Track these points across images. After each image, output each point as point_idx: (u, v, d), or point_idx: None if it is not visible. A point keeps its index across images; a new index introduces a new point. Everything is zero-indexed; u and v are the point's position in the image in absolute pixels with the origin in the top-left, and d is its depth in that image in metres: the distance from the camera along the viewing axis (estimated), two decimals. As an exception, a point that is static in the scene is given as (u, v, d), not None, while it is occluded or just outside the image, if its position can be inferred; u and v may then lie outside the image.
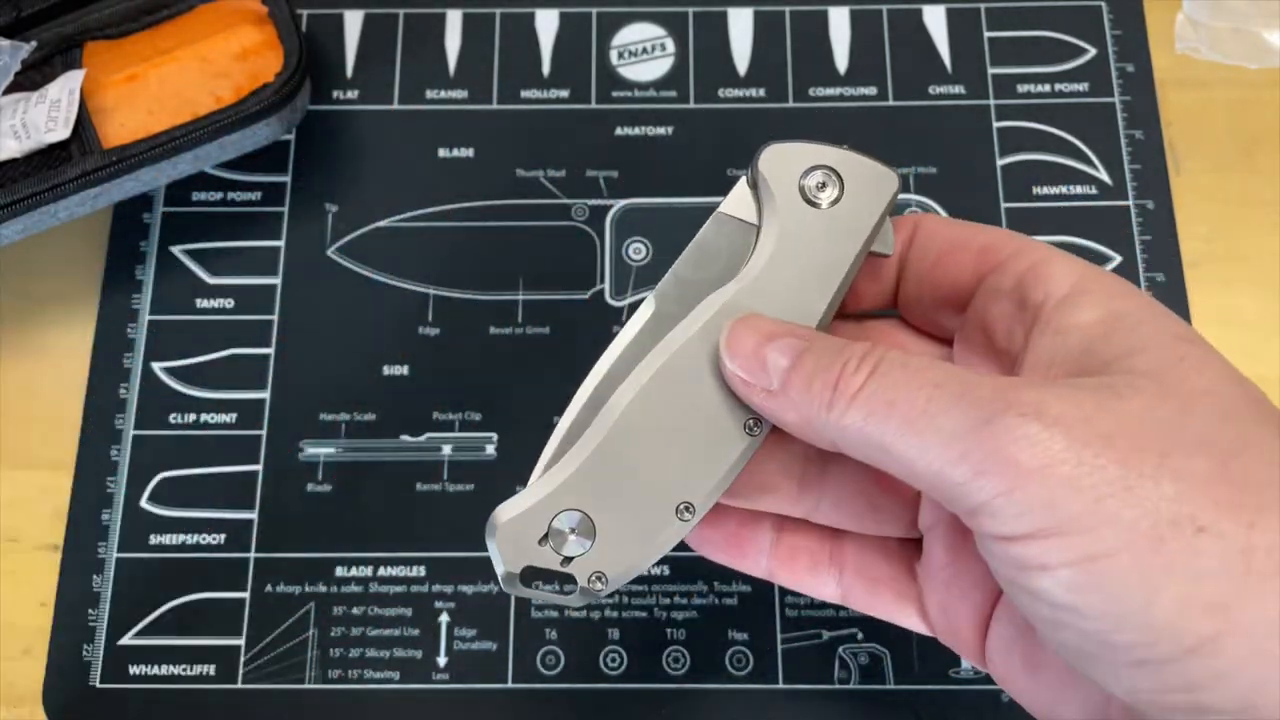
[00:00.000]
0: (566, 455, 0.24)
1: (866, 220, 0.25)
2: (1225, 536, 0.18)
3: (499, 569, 0.23)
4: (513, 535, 0.23)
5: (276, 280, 0.37)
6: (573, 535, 0.23)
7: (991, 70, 0.40)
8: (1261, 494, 0.18)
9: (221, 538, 0.34)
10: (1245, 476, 0.19)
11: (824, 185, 0.25)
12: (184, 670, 0.33)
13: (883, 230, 0.25)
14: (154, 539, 0.34)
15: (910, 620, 0.26)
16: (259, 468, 0.35)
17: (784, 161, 0.26)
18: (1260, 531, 0.18)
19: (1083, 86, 0.39)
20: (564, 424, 0.25)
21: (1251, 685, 0.18)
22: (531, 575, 0.23)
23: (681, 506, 0.24)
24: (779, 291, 0.24)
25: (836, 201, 0.25)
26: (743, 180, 0.26)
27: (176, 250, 0.38)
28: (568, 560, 0.24)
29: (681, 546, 0.34)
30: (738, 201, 0.26)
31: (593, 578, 0.24)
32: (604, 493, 0.24)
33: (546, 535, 0.23)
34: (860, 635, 0.33)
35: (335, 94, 0.40)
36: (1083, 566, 0.19)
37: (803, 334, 0.23)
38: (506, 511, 0.24)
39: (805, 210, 0.25)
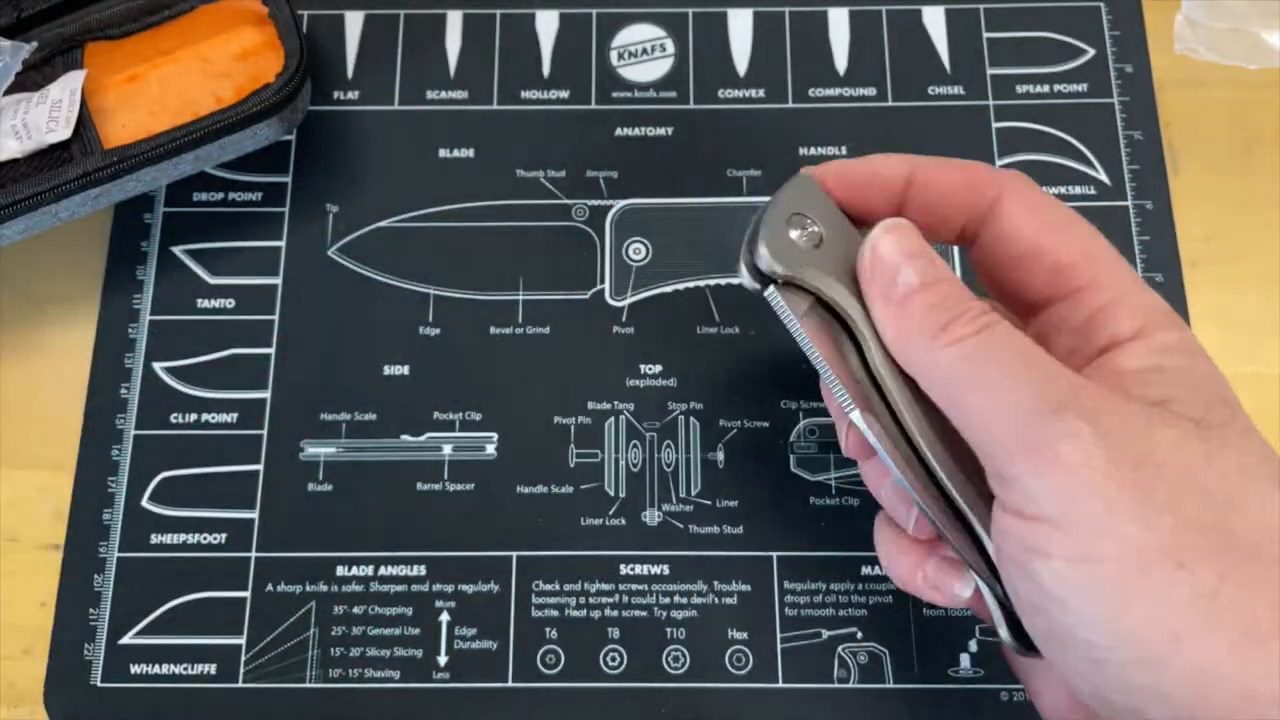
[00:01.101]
0: None
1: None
2: (1197, 579, 0.21)
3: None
4: None
5: (277, 280, 0.37)
6: None
7: (990, 71, 0.40)
8: (1243, 550, 0.21)
9: (222, 537, 0.35)
10: (1237, 532, 0.21)
11: (805, 230, 0.27)
12: (185, 669, 0.33)
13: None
14: (155, 538, 0.35)
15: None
16: (260, 467, 0.35)
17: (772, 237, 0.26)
18: (1228, 583, 0.21)
19: (1082, 87, 0.39)
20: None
21: (1189, 711, 0.21)
22: None
23: None
24: None
25: (817, 247, 0.26)
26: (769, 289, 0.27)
27: (177, 250, 0.38)
28: None
29: (683, 546, 0.34)
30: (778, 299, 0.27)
31: None
32: None
33: None
34: (860, 635, 0.33)
35: (336, 94, 0.40)
36: (1076, 563, 0.22)
37: (942, 266, 0.25)
38: None
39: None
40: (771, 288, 0.26)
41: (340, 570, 0.34)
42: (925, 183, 0.27)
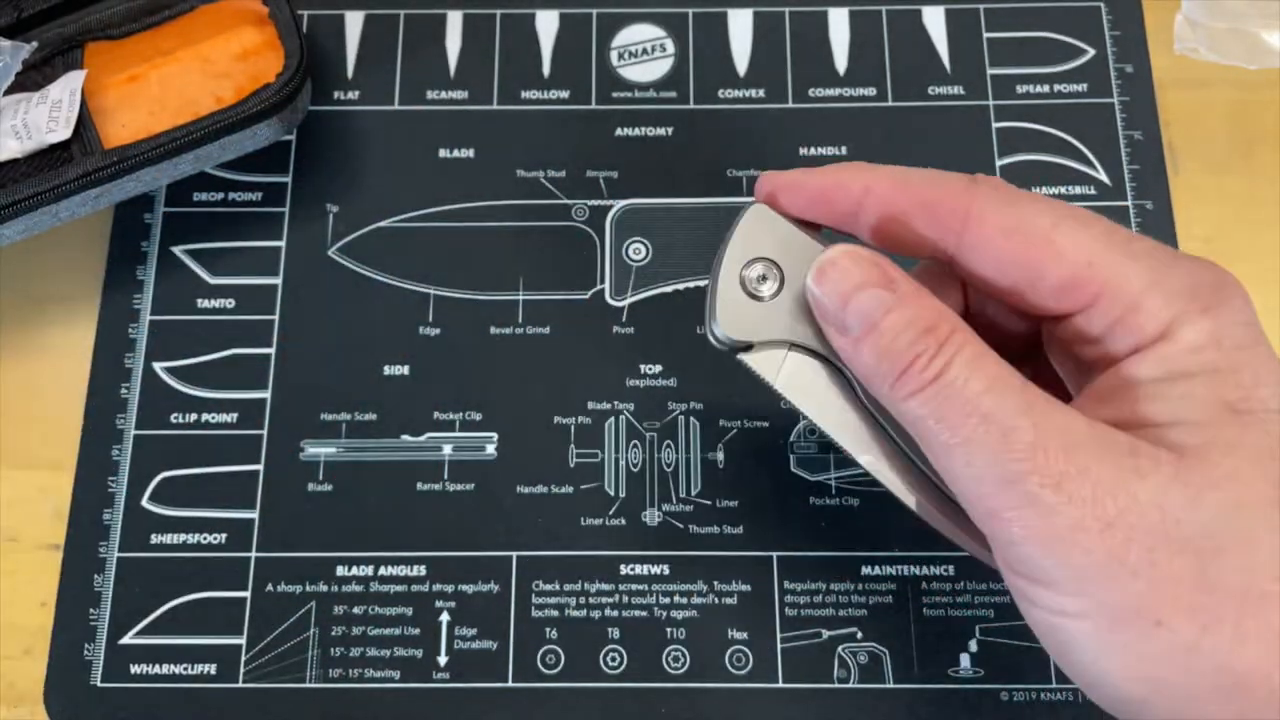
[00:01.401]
0: None
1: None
2: (1177, 633, 0.20)
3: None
4: None
5: (277, 280, 0.37)
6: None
7: (990, 71, 0.40)
8: (1226, 599, 0.20)
9: (222, 537, 0.35)
10: (1218, 580, 0.20)
11: (764, 278, 0.25)
12: (185, 669, 0.33)
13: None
14: (155, 539, 0.35)
15: None
16: (260, 467, 0.35)
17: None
18: (1210, 634, 0.20)
19: (1082, 87, 0.39)
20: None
21: None
22: None
23: None
24: None
25: (778, 291, 0.25)
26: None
27: (177, 250, 0.38)
28: None
29: (683, 546, 0.34)
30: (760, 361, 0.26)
31: None
32: None
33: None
34: (860, 635, 0.33)
35: (336, 94, 0.40)
36: (1054, 619, 0.22)
37: (887, 296, 0.23)
38: None
39: (751, 305, 0.25)
40: (742, 355, 0.25)
41: (340, 570, 0.34)
42: (880, 202, 0.25)
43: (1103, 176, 0.38)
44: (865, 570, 0.34)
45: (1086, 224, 0.23)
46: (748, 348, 0.25)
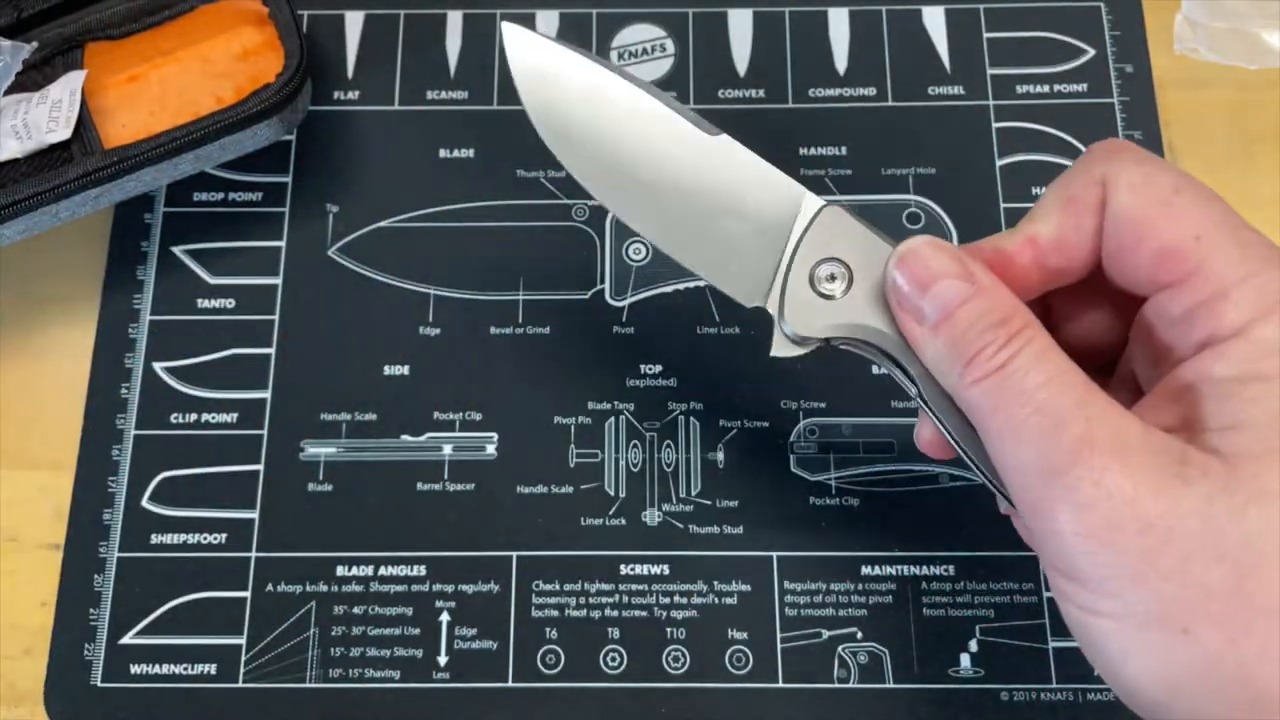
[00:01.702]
0: None
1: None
2: (1203, 644, 0.20)
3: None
4: None
5: (277, 280, 0.37)
6: None
7: (990, 71, 0.40)
8: (1260, 614, 0.20)
9: (223, 537, 0.35)
10: (1254, 594, 0.20)
11: (833, 277, 0.26)
12: (185, 669, 0.33)
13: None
14: (155, 538, 0.35)
15: None
16: (260, 467, 0.35)
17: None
18: (1237, 647, 0.20)
19: (1082, 87, 0.39)
20: None
21: None
22: None
23: None
24: None
25: (848, 289, 0.26)
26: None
27: (178, 250, 0.38)
28: None
29: (683, 546, 0.34)
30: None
31: None
32: None
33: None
34: (860, 635, 0.33)
35: (336, 95, 0.40)
36: (1085, 616, 0.22)
37: (962, 286, 0.23)
38: None
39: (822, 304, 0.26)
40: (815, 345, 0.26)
41: (340, 570, 0.34)
42: (1048, 248, 0.25)
43: (1103, 176, 0.38)
44: (865, 570, 0.34)
45: (1207, 199, 0.23)
46: (817, 343, 0.26)
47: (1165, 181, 0.23)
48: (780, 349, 0.27)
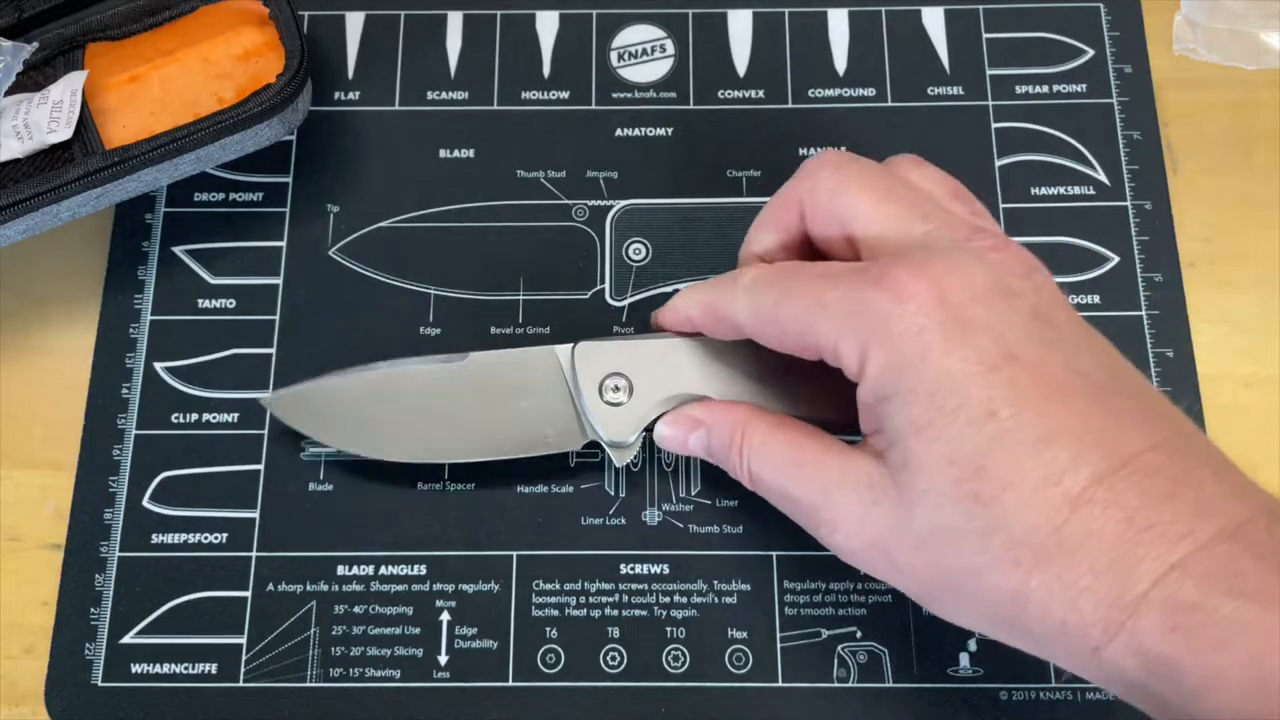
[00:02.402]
0: None
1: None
2: (939, 606, 0.27)
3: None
4: None
5: (278, 280, 0.37)
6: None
7: (990, 71, 0.40)
8: (957, 576, 0.26)
9: (223, 537, 0.35)
10: (951, 565, 0.25)
11: (617, 388, 0.31)
12: (186, 669, 0.33)
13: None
14: (156, 538, 0.35)
15: None
16: (260, 467, 0.35)
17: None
18: (941, 603, 0.27)
19: (1081, 87, 0.39)
20: None
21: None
22: None
23: None
24: None
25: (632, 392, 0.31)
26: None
27: (178, 250, 0.38)
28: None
29: (683, 546, 0.34)
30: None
31: None
32: None
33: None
34: (859, 634, 0.33)
35: (336, 95, 0.40)
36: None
37: (699, 425, 0.31)
38: None
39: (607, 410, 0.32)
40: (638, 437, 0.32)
41: (341, 570, 0.34)
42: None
43: (1102, 177, 0.38)
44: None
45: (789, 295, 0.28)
46: (638, 438, 0.32)
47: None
48: (620, 459, 0.32)
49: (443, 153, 0.39)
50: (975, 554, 0.24)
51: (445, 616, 0.34)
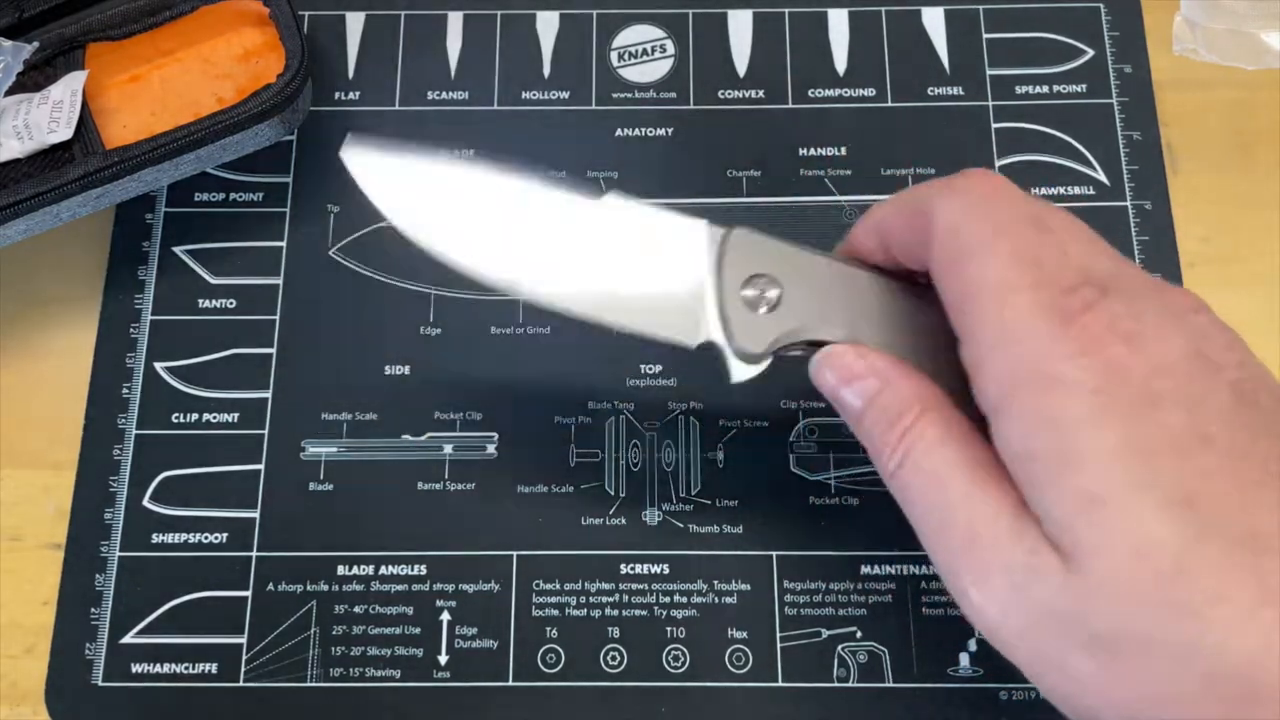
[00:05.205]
0: None
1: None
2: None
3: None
4: None
5: (278, 280, 0.37)
6: None
7: (990, 71, 0.40)
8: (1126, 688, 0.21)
9: (223, 537, 0.35)
10: (1124, 677, 0.21)
11: (764, 291, 0.27)
12: (186, 669, 0.33)
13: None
14: (156, 538, 0.35)
15: None
16: (261, 467, 0.35)
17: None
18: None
19: (1081, 88, 0.39)
20: None
21: None
22: None
23: None
24: None
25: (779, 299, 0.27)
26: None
27: (179, 250, 0.38)
28: None
29: (683, 545, 0.34)
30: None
31: None
32: None
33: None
34: (859, 634, 0.33)
35: (337, 95, 0.40)
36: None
37: (872, 384, 0.25)
38: None
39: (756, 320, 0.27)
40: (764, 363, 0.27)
41: (341, 569, 0.34)
42: (888, 234, 0.27)
43: (1102, 177, 0.38)
44: (865, 570, 0.34)
45: (987, 260, 0.24)
46: (769, 357, 0.27)
47: (967, 237, 0.24)
48: (739, 373, 0.27)
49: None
50: (1167, 681, 0.20)
51: (445, 616, 0.34)
